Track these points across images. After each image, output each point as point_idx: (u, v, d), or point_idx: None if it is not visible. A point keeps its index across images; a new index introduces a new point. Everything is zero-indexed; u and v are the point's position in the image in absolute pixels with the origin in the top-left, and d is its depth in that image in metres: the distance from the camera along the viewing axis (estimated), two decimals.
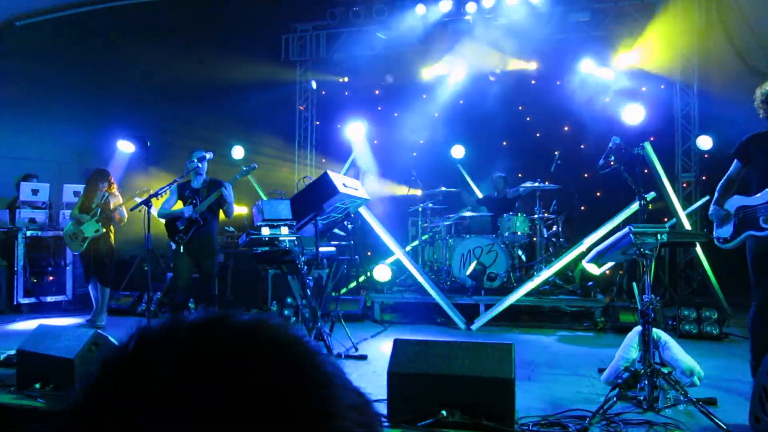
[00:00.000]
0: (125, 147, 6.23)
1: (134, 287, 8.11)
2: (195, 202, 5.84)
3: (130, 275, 8.36)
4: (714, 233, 4.19)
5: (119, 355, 0.52)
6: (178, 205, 5.94)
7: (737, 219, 3.99)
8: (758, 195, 3.90)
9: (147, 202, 5.33)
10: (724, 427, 3.04)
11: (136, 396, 0.48)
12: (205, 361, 0.49)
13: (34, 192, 8.23)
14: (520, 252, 7.78)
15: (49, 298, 8.15)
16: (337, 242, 6.24)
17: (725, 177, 4.20)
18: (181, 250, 5.80)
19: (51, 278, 8.35)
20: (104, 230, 6.73)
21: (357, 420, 0.51)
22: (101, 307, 6.84)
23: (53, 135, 9.10)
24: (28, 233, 7.98)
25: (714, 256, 7.05)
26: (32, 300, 7.97)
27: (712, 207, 4.17)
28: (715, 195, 4.19)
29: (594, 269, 6.99)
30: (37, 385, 3.77)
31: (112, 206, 6.76)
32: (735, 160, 4.14)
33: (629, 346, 3.88)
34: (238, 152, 9.18)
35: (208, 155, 5.95)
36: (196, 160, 5.88)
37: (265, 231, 4.98)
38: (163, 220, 6.00)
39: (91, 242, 6.71)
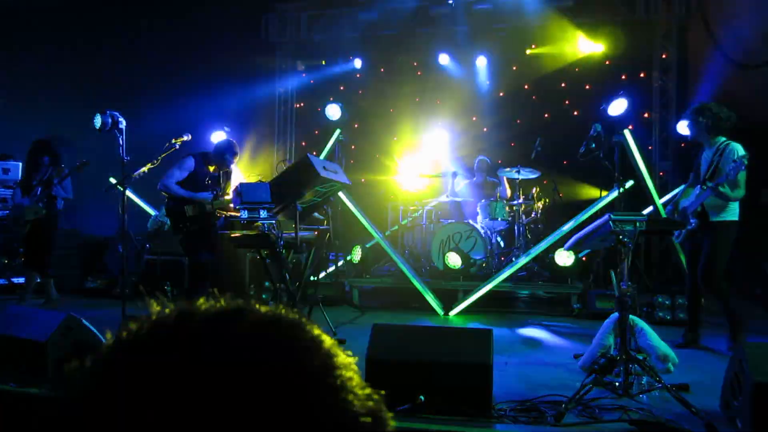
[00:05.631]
0: (99, 123, 6.01)
1: (108, 269, 7.97)
2: (216, 191, 5.45)
3: (105, 257, 8.21)
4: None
5: (130, 341, 0.50)
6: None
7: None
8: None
9: (123, 183, 5.19)
10: (697, 412, 3.09)
11: (146, 386, 0.46)
12: (217, 356, 0.48)
13: (5, 171, 8.00)
14: (498, 238, 7.81)
15: (21, 280, 7.96)
16: (316, 226, 6.19)
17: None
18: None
19: (23, 259, 8.15)
20: (45, 211, 6.45)
21: (367, 427, 0.50)
22: (31, 288, 6.79)
23: (25, 112, 8.85)
24: None
25: None
26: (2, 281, 7.78)
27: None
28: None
29: (565, 259, 7.03)
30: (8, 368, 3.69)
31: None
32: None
33: (606, 333, 3.93)
34: (219, 136, 9.00)
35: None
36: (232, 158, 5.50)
37: (244, 214, 4.91)
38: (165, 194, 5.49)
39: (33, 224, 6.49)
